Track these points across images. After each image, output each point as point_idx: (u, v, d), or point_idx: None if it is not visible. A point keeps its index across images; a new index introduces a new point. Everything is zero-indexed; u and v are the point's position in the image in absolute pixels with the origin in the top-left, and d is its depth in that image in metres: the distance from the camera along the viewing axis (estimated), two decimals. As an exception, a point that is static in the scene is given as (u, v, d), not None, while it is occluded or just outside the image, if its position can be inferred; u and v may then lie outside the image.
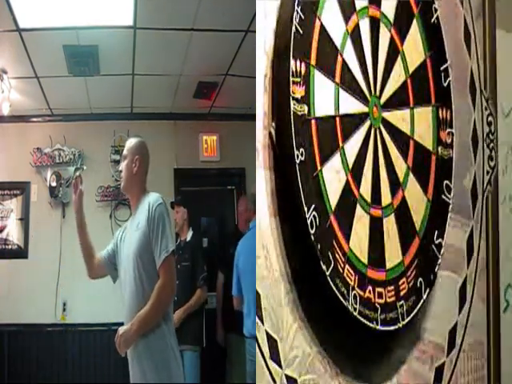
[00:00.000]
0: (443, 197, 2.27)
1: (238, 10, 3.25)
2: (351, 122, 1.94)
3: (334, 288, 1.74)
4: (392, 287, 1.98)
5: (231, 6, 3.27)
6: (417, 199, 2.16)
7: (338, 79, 1.89)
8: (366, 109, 2.00)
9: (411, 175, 2.15)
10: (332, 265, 1.74)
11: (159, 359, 2.11)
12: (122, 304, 2.26)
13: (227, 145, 5.30)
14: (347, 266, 1.81)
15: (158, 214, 2.16)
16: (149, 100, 4.91)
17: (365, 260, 1.89)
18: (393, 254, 2.00)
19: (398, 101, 2.15)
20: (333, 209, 1.79)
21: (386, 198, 2.04)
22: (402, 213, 2.10)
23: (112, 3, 3.34)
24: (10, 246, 4.92)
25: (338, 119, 1.86)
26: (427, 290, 2.12)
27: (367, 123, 1.99)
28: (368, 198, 1.95)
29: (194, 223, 5.21)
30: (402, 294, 2.03)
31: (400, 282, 2.02)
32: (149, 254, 2.15)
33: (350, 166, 1.89)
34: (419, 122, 2.21)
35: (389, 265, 1.99)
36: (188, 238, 4.16)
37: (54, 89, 4.48)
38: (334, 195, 1.81)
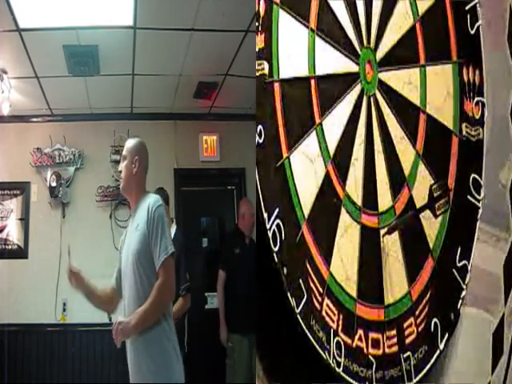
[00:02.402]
0: (469, 198, 1.68)
1: (238, 10, 3.26)
2: (333, 87, 1.36)
3: (308, 332, 1.23)
4: (393, 331, 1.42)
5: (231, 6, 3.28)
6: (430, 202, 1.66)
7: (313, 23, 1.31)
8: (355, 67, 1.40)
9: (421, 166, 1.56)
10: (305, 298, 1.23)
11: (160, 357, 2.10)
12: (122, 305, 2.26)
13: (227, 145, 5.30)
14: (327, 301, 1.26)
15: (157, 216, 2.15)
16: (149, 100, 4.91)
17: (353, 291, 1.32)
18: (395, 283, 1.43)
19: (401, 55, 1.51)
20: (305, 215, 1.26)
21: (384, 199, 1.48)
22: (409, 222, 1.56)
23: (112, 3, 3.34)
24: (9, 246, 4.92)
25: (313, 83, 1.31)
26: (445, 336, 1.54)
27: (357, 89, 1.40)
28: (358, 199, 1.40)
29: (194, 223, 5.24)
30: (408, 341, 1.45)
31: (405, 324, 1.45)
32: (148, 255, 2.14)
33: (332, 151, 1.32)
34: (433, 87, 1.55)
35: (389, 298, 1.42)
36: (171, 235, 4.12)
37: (54, 89, 4.48)
38: (307, 195, 1.28)
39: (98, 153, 5.04)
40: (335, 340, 1.30)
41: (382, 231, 1.47)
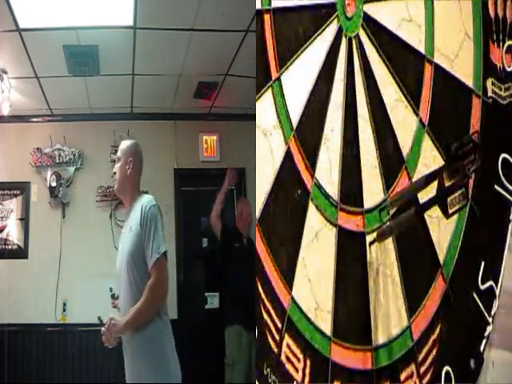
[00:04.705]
0: (497, 188, 1.14)
1: (238, 10, 3.26)
2: (297, 26, 0.90)
3: None
4: None
5: (231, 6, 3.28)
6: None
7: None
8: None
9: (427, 141, 1.05)
10: (256, 333, 0.84)
11: (156, 356, 2.11)
12: (119, 304, 2.28)
13: (227, 145, 5.31)
14: (288, 340, 0.83)
15: (150, 216, 2.15)
16: (149, 100, 4.91)
17: (326, 325, 0.85)
18: (388, 314, 0.93)
19: None
20: (256, 215, 0.87)
21: (372, 190, 1.00)
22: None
23: (112, 3, 3.34)
24: (9, 246, 4.92)
25: (268, 19, 0.86)
26: None
27: (332, 27, 0.93)
28: (333, 190, 0.93)
29: (194, 223, 5.23)
30: None
31: (403, 375, 0.95)
32: (141, 255, 2.15)
33: (295, 120, 0.90)
34: (445, 27, 1.01)
35: (379, 337, 0.92)
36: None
37: (54, 89, 4.48)
38: (258, 185, 0.88)
39: (97, 153, 5.05)
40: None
41: (369, 237, 0.98)
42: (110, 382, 4.61)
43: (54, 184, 4.90)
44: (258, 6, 0.92)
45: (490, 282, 1.10)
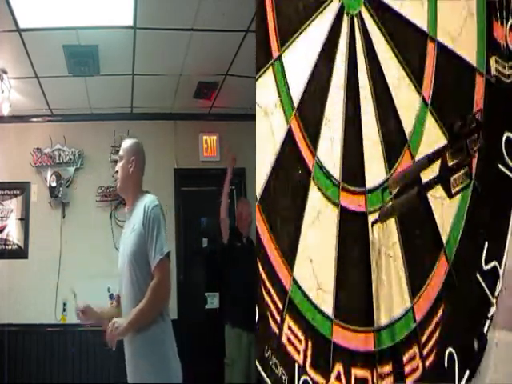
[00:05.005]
0: (501, 167, 1.09)
1: (238, 10, 3.26)
2: (297, 2, 0.92)
3: (261, 370, 0.81)
4: (388, 367, 0.92)
5: (231, 6, 3.28)
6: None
7: None
8: None
9: (430, 119, 1.04)
10: (256, 318, 0.83)
11: (157, 356, 2.11)
12: (120, 305, 2.27)
13: (227, 145, 5.30)
14: (289, 321, 0.83)
15: (153, 216, 2.16)
16: (149, 100, 4.91)
17: (328, 306, 0.85)
18: (391, 295, 0.92)
19: None
20: (256, 195, 0.86)
21: (374, 169, 1.00)
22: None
23: (112, 3, 3.34)
24: (9, 246, 4.92)
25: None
26: (466, 373, 0.98)
27: (334, 5, 0.94)
28: (335, 169, 0.93)
29: (194, 223, 5.23)
30: (409, 380, 0.95)
31: (406, 356, 0.95)
32: (144, 255, 2.15)
33: (296, 99, 0.90)
34: (447, 3, 1.01)
35: (381, 318, 0.93)
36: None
37: (53, 89, 4.48)
38: (259, 164, 0.88)
39: (97, 153, 5.05)
40: (301, 380, 0.81)
41: (372, 217, 0.98)
42: (110, 382, 4.62)
43: (53, 184, 4.90)
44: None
45: (494, 263, 1.10)
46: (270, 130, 0.91)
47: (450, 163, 1.12)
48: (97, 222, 4.93)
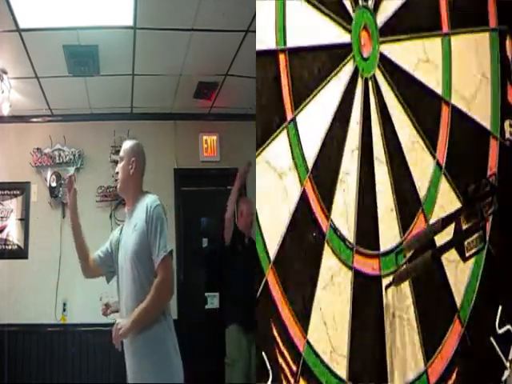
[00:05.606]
0: None
1: (238, 10, 3.26)
2: (313, 66, 0.86)
3: None
4: None
5: (231, 6, 3.28)
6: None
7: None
8: (345, 36, 0.88)
9: (444, 183, 1.01)
10: (269, 381, 0.79)
11: (159, 355, 2.11)
12: (120, 304, 2.27)
13: (227, 145, 5.31)
14: (302, 382, 0.80)
15: (156, 215, 2.17)
16: (149, 100, 4.91)
17: (342, 368, 0.81)
18: (405, 358, 0.88)
19: (413, 19, 0.92)
20: (271, 257, 0.80)
21: (388, 232, 0.97)
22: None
23: (112, 3, 3.34)
24: (9, 246, 4.92)
25: (282, 59, 0.82)
26: None
27: (348, 68, 0.89)
28: (349, 232, 0.89)
29: (194, 223, 5.23)
30: None
31: None
32: (147, 254, 2.16)
33: (310, 162, 0.86)
34: (462, 67, 0.96)
35: (396, 381, 0.90)
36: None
37: (53, 89, 4.48)
38: (273, 226, 0.81)
39: (97, 153, 5.05)
40: None
41: (386, 280, 0.95)
42: (109, 382, 4.62)
43: (54, 184, 4.90)
44: (273, 46, 0.84)
45: (508, 326, 1.04)
46: (283, 193, 0.85)
47: (464, 226, 1.09)
48: (97, 221, 4.92)
